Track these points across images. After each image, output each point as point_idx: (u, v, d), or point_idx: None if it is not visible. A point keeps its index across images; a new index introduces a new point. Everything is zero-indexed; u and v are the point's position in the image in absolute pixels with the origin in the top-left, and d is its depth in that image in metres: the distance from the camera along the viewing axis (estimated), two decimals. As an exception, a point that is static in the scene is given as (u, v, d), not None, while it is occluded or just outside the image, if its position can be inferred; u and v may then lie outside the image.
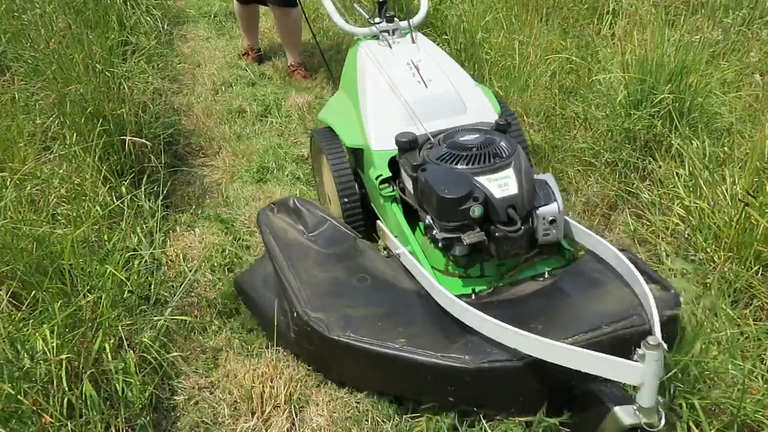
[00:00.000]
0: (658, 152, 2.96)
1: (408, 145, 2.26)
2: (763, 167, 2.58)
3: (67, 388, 1.87)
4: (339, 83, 3.03)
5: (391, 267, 2.27)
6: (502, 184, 2.04)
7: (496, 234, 2.02)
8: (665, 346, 1.60)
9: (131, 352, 2.09)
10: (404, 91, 2.49)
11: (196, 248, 2.78)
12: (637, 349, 1.59)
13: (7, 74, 3.59)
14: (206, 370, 2.26)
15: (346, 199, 2.55)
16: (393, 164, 2.40)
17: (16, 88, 3.37)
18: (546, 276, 2.17)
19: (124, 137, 2.96)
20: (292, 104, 4.02)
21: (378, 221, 2.50)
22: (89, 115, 2.98)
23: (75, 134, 2.94)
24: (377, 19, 2.82)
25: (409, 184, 2.25)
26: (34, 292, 2.14)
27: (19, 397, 1.79)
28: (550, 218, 2.08)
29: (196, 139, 3.68)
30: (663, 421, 1.64)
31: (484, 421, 1.96)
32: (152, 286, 2.47)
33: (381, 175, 2.39)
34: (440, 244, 2.08)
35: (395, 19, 2.80)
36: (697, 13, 3.95)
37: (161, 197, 2.92)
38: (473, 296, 2.12)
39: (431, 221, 2.09)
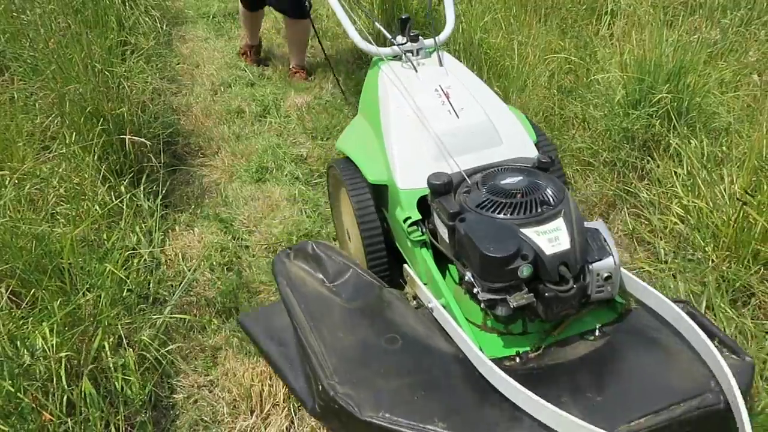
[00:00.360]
0: (657, 152, 2.97)
1: (443, 188, 2.00)
2: (761, 166, 2.59)
3: (66, 386, 1.87)
4: (343, 95, 2.86)
5: (422, 323, 2.00)
6: (552, 238, 1.80)
7: (546, 294, 1.78)
8: None
9: (130, 350, 2.10)
10: (433, 121, 2.24)
11: (195, 247, 2.79)
12: None
13: (6, 74, 3.59)
14: (205, 369, 2.26)
15: (371, 246, 2.31)
16: (421, 203, 2.16)
17: (15, 88, 3.37)
18: (597, 333, 1.90)
19: (123, 137, 2.97)
20: (291, 104, 4.02)
21: (405, 265, 2.23)
22: (88, 115, 2.98)
23: (74, 133, 2.94)
24: (399, 38, 2.55)
25: (442, 231, 2.00)
26: (33, 290, 2.14)
27: (18, 394, 1.79)
28: (605, 274, 1.84)
29: (195, 139, 3.68)
30: None
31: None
32: (151, 285, 2.48)
33: (409, 218, 2.13)
34: (482, 305, 1.86)
35: (420, 37, 2.54)
36: (695, 14, 3.97)
37: (160, 197, 2.92)
38: (518, 359, 1.86)
39: (471, 278, 1.85)
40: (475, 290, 1.83)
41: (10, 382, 1.80)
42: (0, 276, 2.20)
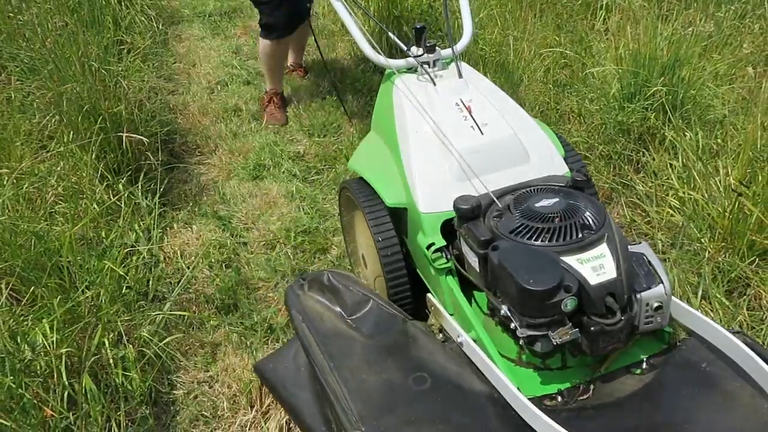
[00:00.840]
0: (652, 144, 2.99)
1: (471, 212, 1.81)
2: (756, 158, 2.61)
3: (67, 382, 1.89)
4: (352, 112, 2.67)
5: (452, 360, 1.82)
6: (596, 267, 1.63)
7: (591, 328, 1.61)
8: None
9: (130, 346, 2.11)
10: (455, 138, 2.07)
11: (194, 245, 2.80)
12: None
13: (3, 74, 3.60)
14: (205, 365, 2.28)
15: (392, 275, 2.14)
16: (444, 226, 1.99)
17: (13, 88, 3.38)
18: (644, 366, 1.73)
19: (120, 135, 2.97)
20: (287, 102, 4.03)
21: (429, 295, 2.04)
22: (86, 114, 2.99)
23: (72, 132, 2.95)
24: (414, 49, 2.36)
25: (472, 259, 1.83)
26: (33, 288, 2.15)
27: (20, 390, 1.81)
28: (656, 304, 1.67)
29: (193, 138, 3.69)
30: None
31: None
32: (150, 282, 2.49)
33: (433, 244, 1.95)
34: (521, 342, 1.68)
35: (436, 48, 2.35)
36: (690, 8, 3.98)
37: (158, 194, 2.93)
38: (559, 398, 1.69)
39: (508, 312, 1.67)
40: (512, 325, 1.66)
41: (11, 377, 1.81)
42: (0, 274, 2.21)
